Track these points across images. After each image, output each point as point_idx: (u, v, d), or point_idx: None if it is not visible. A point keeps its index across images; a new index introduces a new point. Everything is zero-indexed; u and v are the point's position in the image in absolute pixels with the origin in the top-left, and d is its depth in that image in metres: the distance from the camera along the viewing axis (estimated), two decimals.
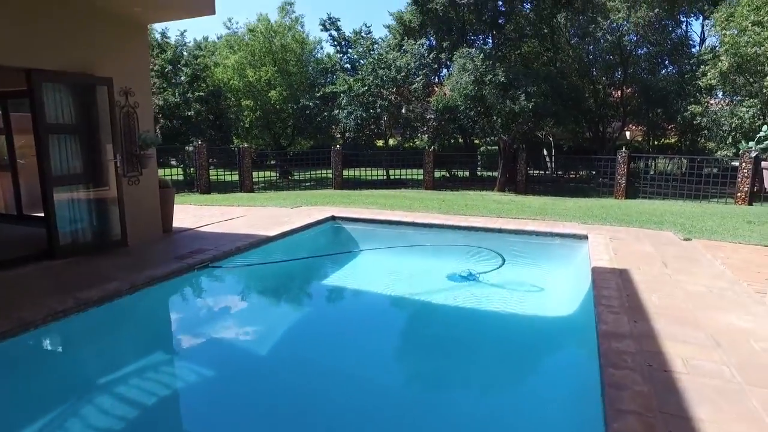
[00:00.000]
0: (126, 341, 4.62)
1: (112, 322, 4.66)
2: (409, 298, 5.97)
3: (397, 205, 10.86)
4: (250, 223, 8.62)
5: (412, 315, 5.72)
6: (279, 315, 5.65)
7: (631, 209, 10.90)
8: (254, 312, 5.64)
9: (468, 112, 19.38)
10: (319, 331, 5.13)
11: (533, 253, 7.09)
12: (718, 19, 16.76)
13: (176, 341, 4.83)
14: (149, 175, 7.12)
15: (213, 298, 5.85)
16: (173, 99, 21.15)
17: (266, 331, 5.09)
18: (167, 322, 5.26)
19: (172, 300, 5.56)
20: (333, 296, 6.39)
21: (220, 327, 5.09)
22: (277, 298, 6.29)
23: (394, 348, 4.73)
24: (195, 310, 5.56)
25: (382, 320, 5.45)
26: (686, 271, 5.36)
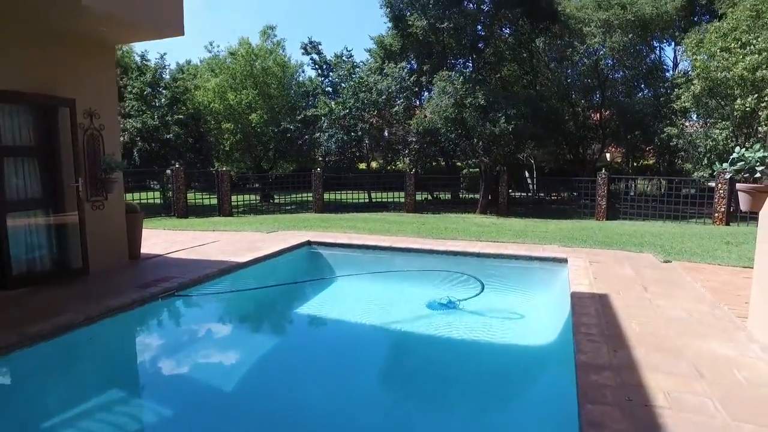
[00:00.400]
0: (72, 379, 4.29)
1: (60, 359, 4.34)
2: (386, 328, 5.74)
3: (375, 229, 10.67)
4: (222, 249, 8.33)
5: (388, 345, 5.48)
6: (247, 347, 5.35)
7: (611, 231, 10.86)
8: (220, 344, 5.34)
9: (449, 134, 19.46)
10: (290, 364, 4.86)
11: (512, 277, 6.92)
12: (689, 45, 17.23)
13: (131, 378, 4.50)
14: (115, 199, 6.83)
15: (176, 330, 5.54)
16: (152, 122, 20.87)
17: (232, 364, 4.81)
18: (123, 356, 4.93)
19: (130, 332, 5.23)
20: (306, 326, 6.13)
21: (182, 361, 4.79)
22: (245, 328, 6.00)
23: (370, 380, 4.48)
24: (155, 343, 5.24)
25: (357, 351, 5.19)
26: (666, 295, 5.23)
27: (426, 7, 20.42)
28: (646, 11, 20.89)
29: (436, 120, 19.01)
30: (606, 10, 21.31)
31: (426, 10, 20.55)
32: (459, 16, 19.92)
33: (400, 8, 21.83)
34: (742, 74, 14.88)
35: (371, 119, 21.15)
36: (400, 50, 23.36)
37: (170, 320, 5.62)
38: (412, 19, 21.45)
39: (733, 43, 15.55)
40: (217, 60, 24.67)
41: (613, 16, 21.02)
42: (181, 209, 16.55)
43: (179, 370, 4.64)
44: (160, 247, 8.55)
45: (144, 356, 4.98)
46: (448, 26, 20.10)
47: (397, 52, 23.42)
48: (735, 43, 15.55)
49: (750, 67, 14.77)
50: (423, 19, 20.88)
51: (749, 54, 14.92)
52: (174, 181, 16.52)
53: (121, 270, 6.75)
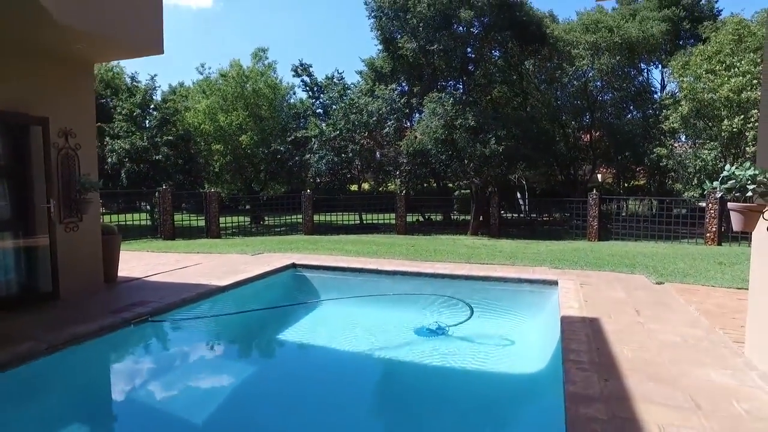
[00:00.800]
0: (29, 414, 3.98)
1: (16, 392, 4.04)
2: (373, 355, 5.47)
3: (363, 251, 10.45)
4: (204, 272, 8.08)
5: (375, 374, 5.21)
6: (222, 376, 5.08)
7: (602, 252, 10.71)
8: (193, 373, 5.06)
9: (439, 155, 19.43)
10: (267, 394, 4.60)
11: (502, 301, 6.71)
12: (675, 67, 17.45)
13: (91, 413, 4.21)
14: (90, 220, 6.59)
15: (146, 358, 5.26)
16: (141, 143, 20.70)
17: (205, 395, 4.53)
18: (87, 388, 4.63)
19: (97, 361, 4.93)
20: (286, 353, 5.85)
21: (150, 393, 4.51)
22: (221, 355, 5.71)
23: (355, 411, 4.21)
24: (123, 373, 4.95)
25: (342, 381, 4.91)
26: (659, 319, 5.03)
27: (416, 30, 20.63)
28: (633, 34, 21.23)
29: (426, 141, 19.00)
30: (593, 33, 21.65)
31: (416, 33, 20.75)
32: (449, 39, 20.11)
33: (390, 31, 22.04)
34: (728, 95, 15.04)
35: (362, 140, 21.11)
36: (390, 72, 23.51)
37: (141, 348, 5.34)
38: (402, 42, 21.64)
39: (718, 65, 15.77)
40: (209, 81, 24.71)
41: (600, 39, 21.34)
42: (168, 231, 16.27)
43: (146, 402, 4.36)
44: (140, 270, 8.29)
45: (109, 388, 4.69)
46: (438, 48, 20.27)
47: (388, 74, 23.57)
48: (720, 65, 15.77)
49: (735, 89, 14.93)
50: (413, 41, 21.07)
51: (734, 76, 15.11)
52: (161, 203, 16.27)
53: (94, 294, 6.47)
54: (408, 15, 20.45)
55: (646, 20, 22.57)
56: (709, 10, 26.07)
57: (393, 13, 21.08)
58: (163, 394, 4.50)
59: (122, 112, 21.49)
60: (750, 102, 14.72)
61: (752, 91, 14.69)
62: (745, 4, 51.47)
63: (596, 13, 23.41)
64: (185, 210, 26.95)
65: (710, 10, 26.24)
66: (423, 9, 19.99)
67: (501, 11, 20.27)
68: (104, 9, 5.41)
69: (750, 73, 14.89)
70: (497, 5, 20.06)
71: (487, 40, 21.45)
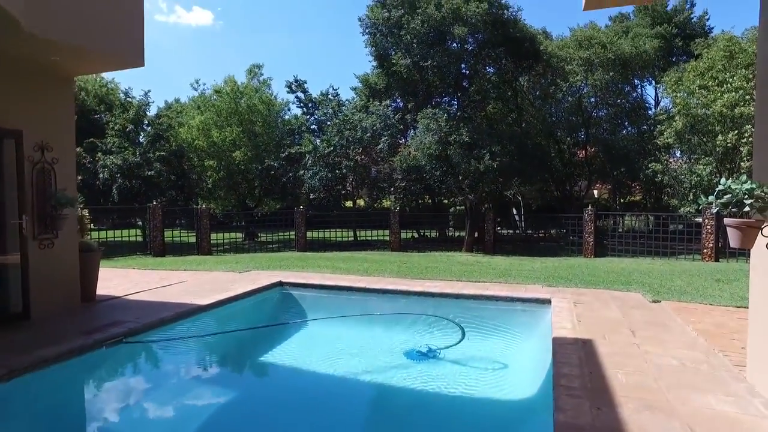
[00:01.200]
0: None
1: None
2: (359, 380, 5.18)
3: (354, 268, 10.22)
4: (188, 290, 7.82)
5: (362, 401, 4.92)
6: (197, 401, 4.80)
7: (598, 269, 10.49)
8: (166, 398, 4.79)
9: (434, 171, 19.32)
10: (246, 421, 4.32)
11: (493, 321, 6.46)
12: (668, 83, 17.48)
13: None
14: (67, 237, 6.36)
15: (117, 382, 4.99)
16: (133, 158, 20.54)
17: (178, 422, 4.26)
18: (46, 416, 4.34)
19: (61, 387, 4.65)
20: (267, 377, 5.59)
21: (118, 420, 4.23)
22: (196, 379, 5.43)
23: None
24: (90, 399, 4.69)
25: (327, 407, 4.64)
26: (656, 340, 4.81)
27: (410, 46, 20.69)
28: (626, 50, 21.35)
29: (420, 157, 18.89)
30: (587, 49, 21.77)
31: (410, 49, 20.81)
32: (442, 55, 20.17)
33: (384, 47, 22.12)
34: (721, 111, 15.00)
35: (356, 157, 21.00)
36: (385, 88, 23.54)
37: (111, 372, 5.07)
38: (396, 58, 21.69)
39: (711, 81, 15.80)
40: (203, 97, 24.67)
41: (593, 55, 21.44)
42: (158, 247, 16.00)
43: (119, 429, 4.09)
44: (122, 288, 8.04)
45: (71, 417, 4.40)
46: (432, 65, 20.30)
47: (383, 90, 23.60)
48: (712, 81, 15.79)
49: (728, 104, 14.91)
50: (407, 57, 21.13)
51: (726, 92, 15.11)
52: (151, 219, 16.04)
53: (69, 314, 6.20)
54: (402, 32, 20.54)
55: (639, 37, 22.74)
56: (700, 28, 26.35)
57: (387, 29, 21.18)
58: (130, 422, 4.23)
59: (114, 127, 21.36)
60: (743, 117, 14.68)
61: (745, 106, 14.67)
62: (735, 22, 52.47)
63: (589, 29, 23.60)
64: (180, 226, 26.71)
65: (702, 27, 26.53)
66: (417, 26, 20.07)
67: (495, 28, 20.37)
68: (79, 20, 5.27)
69: (743, 88, 14.89)
70: (491, 22, 20.16)
71: (481, 56, 21.54)
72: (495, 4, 20.53)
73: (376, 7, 21.77)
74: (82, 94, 23.79)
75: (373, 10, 21.77)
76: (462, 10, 19.77)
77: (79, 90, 23.70)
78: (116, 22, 5.81)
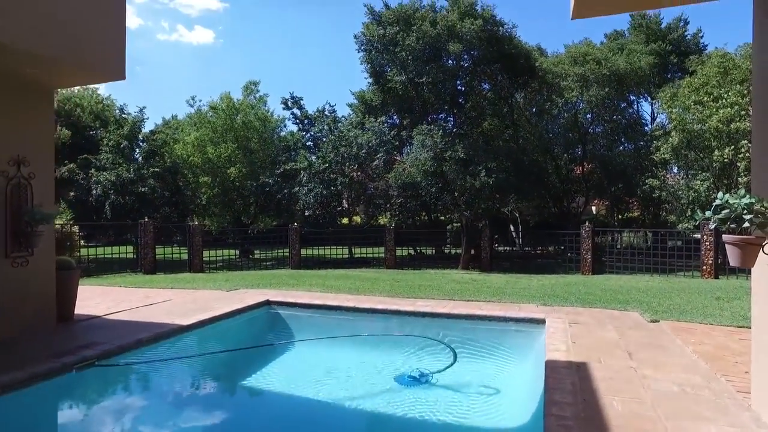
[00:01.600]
0: None
1: None
2: (346, 407, 4.90)
3: (345, 286, 9.97)
4: (171, 309, 7.56)
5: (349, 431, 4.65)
6: (169, 430, 4.52)
7: (595, 287, 10.25)
8: (135, 427, 4.51)
9: (429, 188, 19.16)
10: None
11: (485, 342, 6.20)
12: (663, 98, 17.47)
13: None
14: (43, 255, 6.13)
15: (84, 409, 4.72)
16: (127, 175, 20.39)
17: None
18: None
19: (19, 416, 4.37)
20: (247, 403, 5.30)
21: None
22: (170, 405, 5.15)
23: None
24: (52, 430, 4.39)
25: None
26: (654, 363, 4.56)
27: (405, 63, 20.72)
28: (621, 66, 21.41)
29: (415, 173, 18.76)
30: (582, 65, 21.83)
31: (405, 66, 20.84)
32: (438, 71, 20.19)
33: (380, 64, 22.17)
34: (717, 126, 14.94)
35: (351, 173, 20.88)
36: (380, 105, 23.54)
37: (78, 398, 4.80)
38: (392, 74, 21.72)
39: (706, 96, 15.77)
40: (200, 114, 24.64)
41: (588, 71, 21.49)
42: (148, 265, 15.73)
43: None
44: (104, 307, 7.78)
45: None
46: (427, 81, 20.31)
47: (378, 107, 23.59)
48: (707, 96, 15.77)
49: (724, 120, 14.85)
50: (402, 74, 21.15)
51: (722, 107, 15.06)
52: (142, 236, 15.81)
53: (42, 335, 5.94)
54: (397, 48, 20.59)
55: (634, 53, 22.84)
56: (694, 45, 26.53)
57: (382, 46, 21.25)
58: None
59: (109, 143, 21.26)
60: (740, 133, 14.60)
61: (741, 121, 14.61)
62: (728, 39, 53.20)
63: (584, 46, 23.72)
64: (176, 243, 26.43)
65: (696, 44, 26.72)
66: (412, 42, 20.13)
67: (490, 44, 20.44)
68: (55, 31, 5.13)
69: (738, 104, 14.84)
70: (486, 38, 20.24)
71: (476, 73, 21.58)
72: (490, 20, 20.64)
73: (371, 24, 21.88)
74: (77, 110, 23.80)
75: (368, 27, 21.88)
76: (457, 27, 19.86)
77: (75, 106, 23.73)
78: (96, 33, 5.67)
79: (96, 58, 5.70)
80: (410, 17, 21.05)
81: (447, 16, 20.52)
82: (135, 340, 5.61)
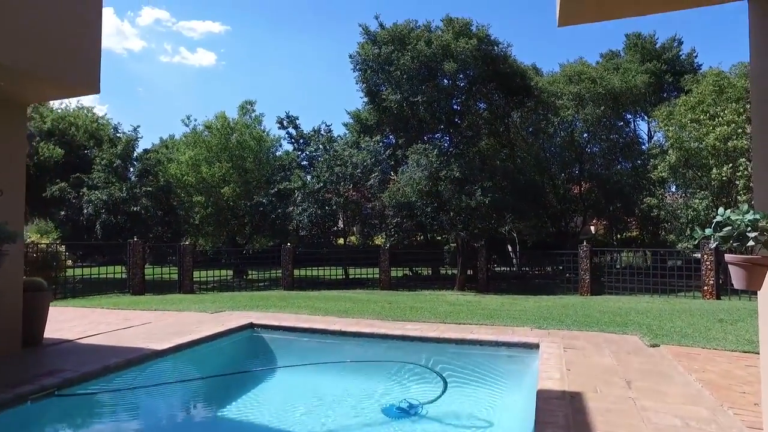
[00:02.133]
0: None
1: None
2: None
3: (335, 308, 9.62)
4: (149, 333, 7.22)
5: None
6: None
7: (593, 308, 9.91)
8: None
9: (424, 208, 18.92)
10: None
11: (476, 368, 5.85)
12: (659, 116, 17.39)
13: None
14: (8, 276, 5.81)
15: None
16: (119, 194, 20.14)
17: None
18: None
19: None
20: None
21: None
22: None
23: None
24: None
25: None
26: (655, 393, 4.22)
27: (400, 82, 20.70)
28: (616, 85, 21.43)
29: (410, 193, 18.54)
30: (577, 84, 21.84)
31: (400, 85, 20.82)
32: (433, 90, 20.16)
33: (375, 83, 22.17)
34: (715, 144, 14.79)
35: (346, 193, 20.66)
36: (376, 124, 23.48)
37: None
38: (387, 93, 21.69)
39: (702, 114, 15.68)
40: (195, 133, 24.54)
41: (584, 90, 21.49)
42: (137, 286, 15.38)
43: None
44: (78, 330, 7.44)
45: None
46: (423, 100, 20.26)
47: (374, 126, 23.53)
48: (703, 114, 15.68)
49: (721, 138, 14.71)
50: (397, 93, 21.11)
51: (718, 125, 14.94)
52: (131, 256, 15.47)
53: (3, 361, 5.59)
54: (392, 67, 20.60)
55: (629, 72, 22.89)
56: (689, 65, 26.66)
57: (377, 65, 21.27)
58: None
59: (102, 162, 21.08)
60: (737, 151, 14.44)
61: (738, 140, 14.45)
62: (722, 58, 53.89)
63: (578, 65, 23.80)
64: (171, 263, 26.03)
65: (690, 64, 26.85)
66: (407, 61, 20.15)
67: (485, 63, 20.46)
68: (23, 42, 4.92)
69: (735, 122, 14.72)
70: (481, 57, 20.25)
71: (472, 92, 21.56)
72: (485, 40, 20.70)
73: (366, 44, 21.95)
74: (72, 129, 23.70)
75: (363, 47, 21.94)
76: (452, 47, 19.89)
77: (70, 125, 23.65)
78: (70, 46, 5.48)
79: (70, 72, 5.49)
80: (405, 37, 21.13)
81: (442, 36, 20.60)
82: (102, 367, 5.27)
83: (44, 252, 13.81)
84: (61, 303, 11.83)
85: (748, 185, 13.94)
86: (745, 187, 14.33)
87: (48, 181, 21.09)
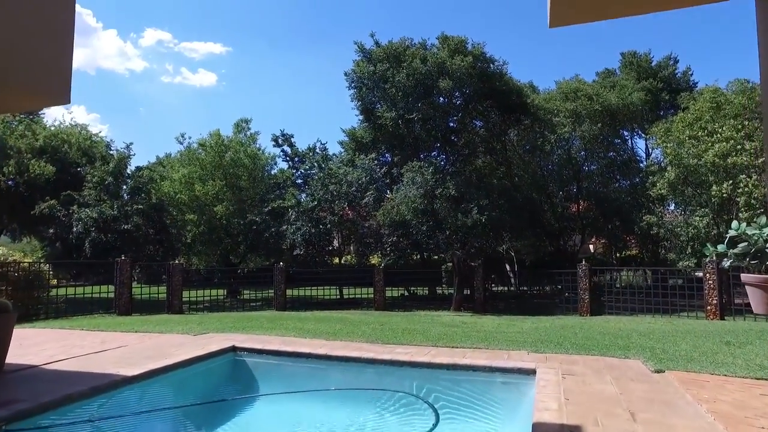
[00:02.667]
0: None
1: None
2: None
3: (324, 330, 9.21)
4: (123, 357, 6.79)
5: None
6: None
7: (593, 330, 9.50)
8: None
9: (420, 226, 18.60)
10: None
11: (468, 396, 5.45)
12: (657, 133, 17.22)
13: None
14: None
15: None
16: (110, 212, 19.80)
17: None
18: None
19: None
20: None
21: None
22: None
23: None
24: None
25: None
26: (662, 427, 3.84)
27: (395, 99, 20.59)
28: (612, 102, 21.35)
29: (405, 211, 18.22)
30: (573, 101, 21.76)
31: (395, 102, 20.70)
32: (428, 108, 20.02)
33: (371, 101, 22.08)
34: (714, 161, 14.56)
35: (341, 212, 20.35)
36: (371, 142, 23.31)
37: None
38: (382, 111, 21.57)
39: (700, 131, 15.51)
40: (189, 151, 24.35)
41: (580, 107, 21.41)
42: (123, 306, 14.91)
43: None
44: (47, 355, 7.00)
45: None
46: (418, 117, 20.11)
47: (369, 144, 23.36)
48: (701, 131, 15.51)
49: (720, 154, 14.49)
50: (392, 110, 20.99)
51: (717, 141, 14.75)
52: (117, 275, 15.05)
53: None
54: (387, 84, 20.50)
55: (625, 89, 22.85)
56: (685, 82, 26.70)
57: (373, 83, 21.19)
58: None
59: (93, 179, 20.80)
60: (737, 167, 14.20)
61: (737, 156, 14.23)
62: (718, 75, 54.30)
63: (575, 82, 23.78)
64: (164, 282, 25.53)
65: (686, 82, 26.89)
66: (402, 78, 20.05)
67: (481, 81, 20.37)
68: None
69: (733, 138, 14.52)
70: (477, 75, 20.17)
71: (468, 110, 21.44)
72: (480, 58, 20.65)
73: (362, 62, 21.92)
74: (65, 146, 23.47)
75: (359, 65, 21.91)
76: (447, 64, 19.82)
77: (62, 143, 23.42)
78: (38, 55, 5.20)
79: (37, 81, 5.20)
80: (400, 54, 21.09)
81: (437, 54, 20.56)
82: (63, 396, 4.86)
83: (26, 271, 13.38)
84: (41, 324, 11.38)
85: (749, 202, 13.66)
86: (746, 204, 14.05)
87: (39, 198, 20.78)
